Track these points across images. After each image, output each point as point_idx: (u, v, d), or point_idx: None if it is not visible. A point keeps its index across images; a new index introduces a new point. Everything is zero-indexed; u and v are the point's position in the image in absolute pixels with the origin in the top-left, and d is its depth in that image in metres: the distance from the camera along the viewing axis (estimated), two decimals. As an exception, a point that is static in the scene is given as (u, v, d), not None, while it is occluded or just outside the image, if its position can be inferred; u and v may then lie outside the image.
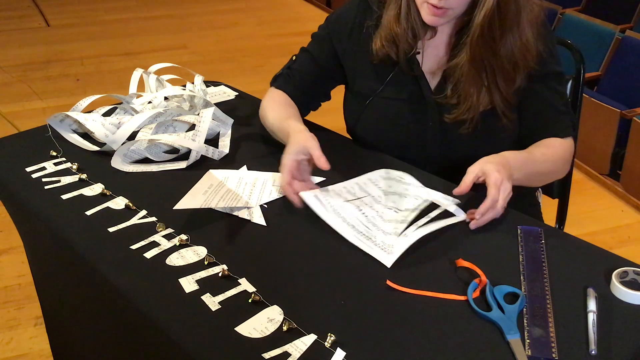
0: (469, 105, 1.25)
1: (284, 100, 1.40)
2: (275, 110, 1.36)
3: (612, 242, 2.54)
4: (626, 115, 2.76)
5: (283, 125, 1.28)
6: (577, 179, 2.96)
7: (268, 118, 1.36)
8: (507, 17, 1.17)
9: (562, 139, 1.28)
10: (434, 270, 1.00)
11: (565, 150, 1.29)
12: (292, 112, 1.35)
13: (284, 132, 1.26)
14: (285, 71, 1.44)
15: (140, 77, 1.52)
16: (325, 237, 1.07)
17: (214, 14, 5.75)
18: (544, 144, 1.28)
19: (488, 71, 1.22)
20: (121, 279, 0.98)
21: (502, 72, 1.22)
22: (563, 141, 1.29)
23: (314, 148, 1.13)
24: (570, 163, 1.33)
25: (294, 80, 1.42)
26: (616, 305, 0.92)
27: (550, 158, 1.26)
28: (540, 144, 1.28)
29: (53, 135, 1.40)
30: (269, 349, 0.84)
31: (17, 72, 4.29)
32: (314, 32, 1.43)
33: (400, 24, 1.26)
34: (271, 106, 1.38)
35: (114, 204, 1.17)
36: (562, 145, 1.28)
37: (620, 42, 3.13)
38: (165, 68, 1.57)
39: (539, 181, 1.31)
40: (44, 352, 1.94)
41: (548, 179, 1.32)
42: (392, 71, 1.31)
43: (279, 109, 1.36)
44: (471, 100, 1.24)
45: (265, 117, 1.38)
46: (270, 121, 1.35)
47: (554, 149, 1.27)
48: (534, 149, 1.26)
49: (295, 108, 1.38)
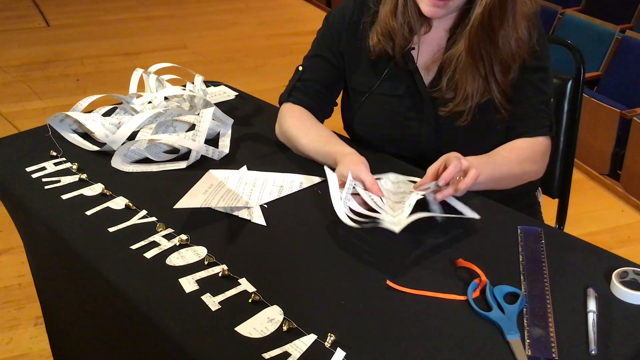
0: (465, 96, 1.24)
1: (309, 118, 1.36)
2: (308, 133, 1.31)
3: (612, 242, 2.54)
4: (626, 115, 2.76)
5: (326, 149, 1.25)
6: (577, 179, 2.96)
7: (301, 142, 1.31)
8: (506, 7, 1.18)
9: (532, 138, 1.27)
10: (434, 270, 1.00)
11: (534, 150, 1.27)
12: (329, 133, 1.31)
13: (327, 156, 1.23)
14: (297, 84, 1.39)
15: (140, 77, 1.52)
16: (325, 237, 1.08)
17: (214, 14, 5.75)
18: (509, 146, 1.27)
19: (485, 61, 1.23)
20: (121, 279, 0.98)
21: (499, 63, 1.22)
22: (532, 141, 1.27)
23: (364, 173, 1.11)
24: (546, 162, 1.31)
25: (310, 91, 1.38)
26: (616, 305, 0.92)
27: (513, 160, 1.24)
28: (505, 147, 1.27)
29: (53, 135, 1.40)
30: (269, 349, 0.84)
31: (17, 72, 4.29)
32: (315, 39, 1.41)
33: (397, 18, 1.26)
34: (298, 127, 1.33)
35: (114, 204, 1.17)
36: (530, 146, 1.27)
37: (620, 42, 3.13)
38: (165, 68, 1.57)
39: (506, 184, 1.26)
40: (44, 352, 1.94)
41: (517, 181, 1.28)
42: (387, 67, 1.32)
43: (312, 130, 1.32)
44: (466, 90, 1.24)
45: (295, 140, 1.32)
46: (305, 145, 1.30)
47: (519, 151, 1.26)
48: (495, 153, 1.25)
49: (323, 126, 1.35)
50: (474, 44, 1.21)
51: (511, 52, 1.22)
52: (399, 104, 1.32)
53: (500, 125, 1.28)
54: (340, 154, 1.19)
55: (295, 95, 1.39)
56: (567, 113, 1.49)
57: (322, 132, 1.32)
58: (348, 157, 1.16)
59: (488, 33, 1.20)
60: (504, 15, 1.19)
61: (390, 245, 1.05)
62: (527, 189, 1.42)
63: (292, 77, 1.41)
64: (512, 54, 1.22)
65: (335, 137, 1.31)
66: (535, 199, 1.49)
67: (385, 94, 1.33)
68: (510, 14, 1.19)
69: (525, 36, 1.22)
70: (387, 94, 1.33)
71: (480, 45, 1.21)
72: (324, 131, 1.32)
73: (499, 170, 1.21)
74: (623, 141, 2.85)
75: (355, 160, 1.15)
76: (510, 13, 1.19)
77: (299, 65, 1.42)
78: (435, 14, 1.20)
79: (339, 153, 1.20)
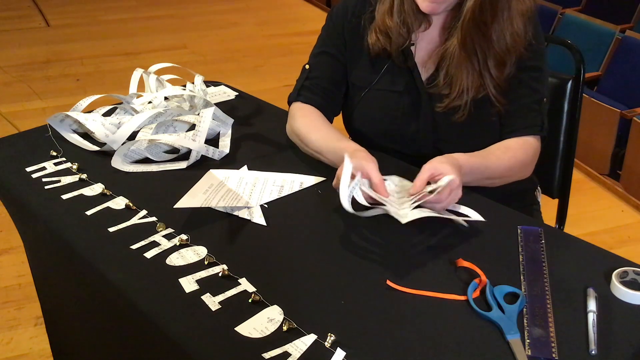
0: (460, 91, 1.25)
1: (319, 117, 1.36)
2: (318, 131, 1.31)
3: (612, 242, 2.54)
4: (626, 115, 2.76)
5: (337, 145, 1.24)
6: (577, 179, 2.96)
7: (311, 139, 1.30)
8: (497, 1, 1.18)
9: (524, 139, 1.27)
10: (434, 270, 1.00)
11: (526, 153, 1.28)
12: (339, 132, 1.31)
13: (338, 152, 1.21)
14: (305, 83, 1.39)
15: (140, 77, 1.52)
16: (325, 237, 1.08)
17: (214, 14, 5.75)
18: (503, 146, 1.27)
19: (479, 55, 1.23)
20: (121, 279, 0.98)
21: (493, 57, 1.23)
22: (524, 142, 1.27)
23: (373, 171, 1.10)
24: (535, 163, 1.32)
25: (318, 89, 1.38)
26: (616, 305, 0.92)
27: (505, 163, 1.25)
28: (500, 147, 1.27)
29: (53, 135, 1.40)
30: (269, 349, 0.84)
31: (17, 72, 4.29)
32: (320, 35, 1.42)
33: (393, 17, 1.26)
34: (308, 125, 1.33)
35: (114, 204, 1.17)
36: (522, 148, 1.27)
37: (620, 42, 3.13)
38: (165, 68, 1.57)
39: (491, 184, 1.27)
40: (44, 352, 1.94)
41: (502, 182, 1.29)
42: (386, 63, 1.32)
43: (322, 128, 1.32)
44: (462, 85, 1.24)
45: (306, 138, 1.32)
46: (315, 142, 1.29)
47: (512, 153, 1.26)
48: (489, 153, 1.25)
49: (332, 126, 1.35)
50: (467, 38, 1.22)
51: (506, 46, 1.22)
52: (398, 100, 1.33)
53: (495, 118, 1.29)
54: (352, 149, 1.19)
55: (304, 94, 1.39)
56: (567, 113, 1.49)
57: (332, 130, 1.33)
58: (360, 153, 1.17)
59: (480, 27, 1.20)
60: (495, 9, 1.19)
61: (390, 245, 1.06)
62: (526, 188, 1.43)
63: (300, 75, 1.42)
64: (508, 48, 1.22)
65: (345, 136, 1.31)
66: (535, 199, 1.49)
67: (384, 89, 1.34)
68: (505, 8, 1.20)
69: (521, 30, 1.22)
70: (386, 89, 1.34)
71: (474, 40, 1.22)
72: (334, 130, 1.33)
73: (488, 173, 1.23)
74: (623, 141, 2.86)
75: (367, 157, 1.15)
76: (505, 7, 1.20)
77: (305, 64, 1.43)
78: (433, 10, 1.21)
79: (351, 149, 1.20)
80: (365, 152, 1.18)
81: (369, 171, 1.11)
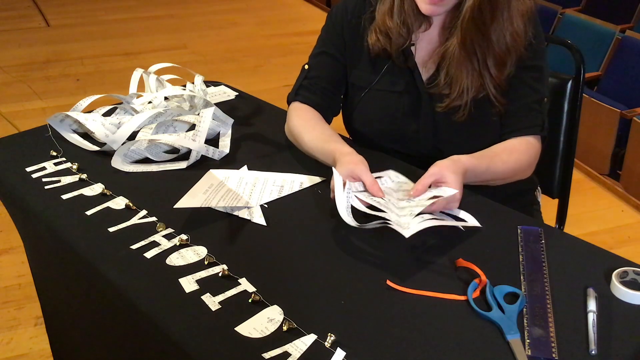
0: (461, 91, 1.25)
1: (314, 117, 1.36)
2: (311, 131, 1.31)
3: (612, 242, 2.54)
4: (626, 115, 2.76)
5: (325, 147, 1.25)
6: (577, 179, 2.96)
7: (304, 139, 1.31)
8: (497, 1, 1.18)
9: (526, 140, 1.27)
10: (434, 270, 1.00)
11: (530, 155, 1.28)
12: (331, 132, 1.31)
13: (327, 154, 1.23)
14: (304, 82, 1.40)
15: (140, 77, 1.52)
16: (325, 237, 1.08)
17: (214, 14, 5.75)
18: (508, 149, 1.26)
19: (479, 55, 1.23)
20: (121, 279, 0.98)
21: (493, 57, 1.23)
22: (527, 144, 1.27)
23: (364, 173, 1.10)
24: (535, 164, 1.32)
25: (317, 89, 1.38)
26: (616, 305, 0.92)
27: (511, 166, 1.25)
28: (505, 149, 1.26)
29: (53, 135, 1.40)
30: (269, 349, 0.84)
31: (17, 72, 4.29)
32: (319, 36, 1.42)
33: (393, 18, 1.26)
34: (303, 125, 1.33)
35: (114, 204, 1.17)
36: (527, 150, 1.27)
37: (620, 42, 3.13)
38: (165, 68, 1.57)
39: (492, 184, 1.28)
40: (44, 352, 1.94)
41: (503, 182, 1.30)
42: (387, 64, 1.32)
43: (315, 128, 1.32)
44: (462, 85, 1.24)
45: (300, 138, 1.33)
46: (308, 143, 1.30)
47: (517, 155, 1.26)
48: (495, 155, 1.24)
49: (328, 125, 1.35)
50: (467, 38, 1.22)
51: (506, 46, 1.22)
52: (398, 100, 1.33)
53: (496, 118, 1.29)
54: (339, 152, 1.19)
55: (302, 94, 1.39)
56: (567, 113, 1.49)
57: (325, 130, 1.32)
58: (347, 157, 1.16)
59: (479, 27, 1.20)
60: (495, 9, 1.19)
61: (390, 245, 1.05)
62: (526, 188, 1.43)
63: (299, 75, 1.42)
64: (508, 48, 1.22)
65: (336, 136, 1.30)
66: (535, 199, 1.49)
67: (384, 90, 1.34)
68: (505, 8, 1.20)
69: (521, 30, 1.22)
70: (386, 90, 1.33)
71: (473, 40, 1.21)
72: (327, 130, 1.32)
73: (492, 176, 1.23)
74: (623, 141, 2.86)
75: (354, 160, 1.15)
76: (505, 7, 1.19)
77: (305, 64, 1.42)
78: (433, 11, 1.21)
79: (338, 151, 1.20)
80: (353, 154, 1.18)
81: (359, 174, 1.11)
